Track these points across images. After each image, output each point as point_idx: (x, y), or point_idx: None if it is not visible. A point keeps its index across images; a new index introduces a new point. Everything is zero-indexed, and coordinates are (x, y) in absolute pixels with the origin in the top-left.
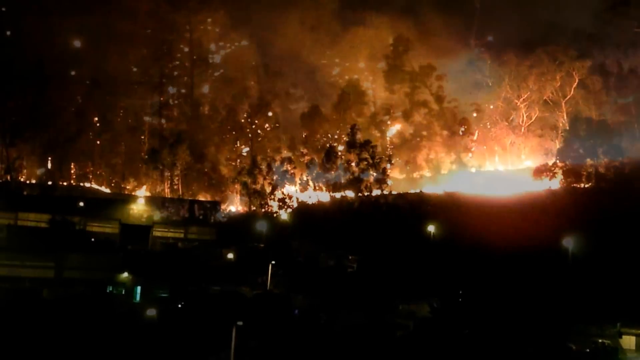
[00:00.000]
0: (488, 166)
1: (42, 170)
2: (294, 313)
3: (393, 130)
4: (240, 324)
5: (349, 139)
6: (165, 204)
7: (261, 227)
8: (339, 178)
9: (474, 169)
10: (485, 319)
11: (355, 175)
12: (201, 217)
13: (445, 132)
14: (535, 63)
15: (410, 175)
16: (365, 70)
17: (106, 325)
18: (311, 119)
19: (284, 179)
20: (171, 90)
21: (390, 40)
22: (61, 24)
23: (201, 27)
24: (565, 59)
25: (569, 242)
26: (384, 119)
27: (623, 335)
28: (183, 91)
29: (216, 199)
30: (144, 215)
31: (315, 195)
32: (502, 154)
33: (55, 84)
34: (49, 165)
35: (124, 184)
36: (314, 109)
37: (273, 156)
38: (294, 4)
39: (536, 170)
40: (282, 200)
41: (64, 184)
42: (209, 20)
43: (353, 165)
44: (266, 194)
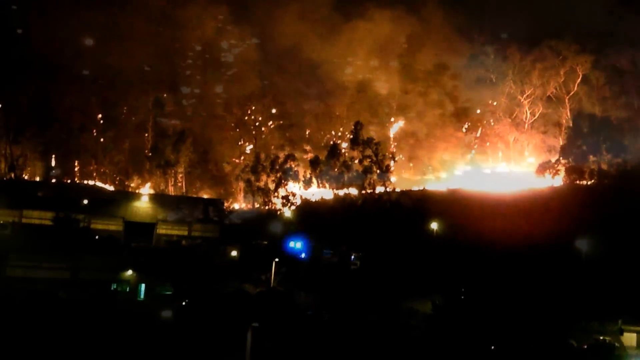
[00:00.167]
0: (491, 163)
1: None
2: (308, 313)
3: (396, 127)
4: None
5: (352, 136)
6: (169, 202)
7: (265, 225)
8: (342, 175)
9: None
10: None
11: (359, 172)
12: (205, 215)
13: (448, 129)
14: (539, 58)
15: (413, 173)
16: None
17: (121, 326)
18: (315, 116)
19: (288, 177)
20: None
21: (393, 36)
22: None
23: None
24: (569, 53)
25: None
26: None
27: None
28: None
29: (220, 196)
30: (148, 212)
31: (318, 193)
32: (506, 151)
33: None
34: (53, 163)
35: (127, 181)
36: (318, 106)
37: (277, 153)
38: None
39: (539, 167)
40: (286, 198)
41: (68, 181)
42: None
43: (356, 163)
44: (270, 192)
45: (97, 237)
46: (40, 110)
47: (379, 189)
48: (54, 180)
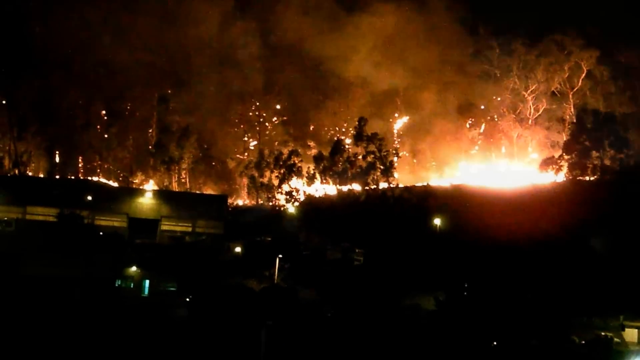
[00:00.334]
0: (494, 159)
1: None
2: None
3: (400, 123)
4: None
5: (356, 132)
6: (173, 198)
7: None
8: (346, 171)
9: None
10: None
11: (362, 168)
12: (208, 211)
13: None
14: (544, 52)
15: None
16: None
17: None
18: (319, 111)
19: (292, 173)
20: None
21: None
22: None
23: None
24: (574, 48)
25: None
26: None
27: (626, 328)
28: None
29: (224, 192)
30: (152, 209)
31: (322, 189)
32: (509, 146)
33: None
34: (57, 159)
35: (131, 177)
36: (322, 101)
37: (281, 149)
38: None
39: (542, 163)
40: (289, 194)
41: (72, 177)
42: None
43: (360, 158)
44: (273, 187)
45: (102, 234)
46: (44, 107)
47: (383, 185)
48: (58, 177)
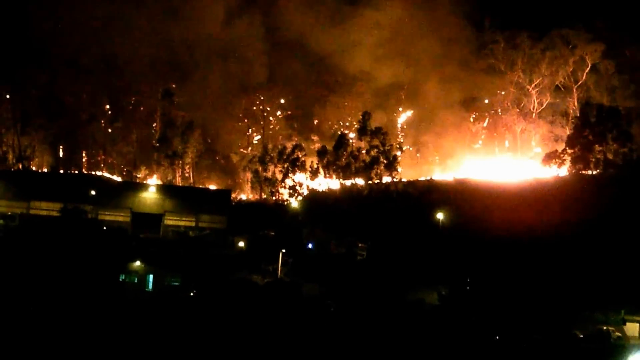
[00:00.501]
0: (498, 153)
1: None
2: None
3: (404, 117)
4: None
5: (360, 126)
6: (177, 193)
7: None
8: (349, 166)
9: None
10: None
11: (366, 162)
12: (212, 206)
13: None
14: (549, 46)
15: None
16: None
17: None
18: (322, 105)
19: (295, 167)
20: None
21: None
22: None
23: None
24: (580, 42)
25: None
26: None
27: (627, 322)
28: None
29: (227, 187)
30: (156, 203)
31: (325, 183)
32: (513, 140)
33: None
34: (61, 154)
35: (135, 172)
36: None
37: (284, 144)
38: None
39: (545, 157)
40: (293, 188)
41: (76, 172)
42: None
43: (364, 153)
44: (277, 182)
45: (105, 228)
46: (48, 101)
47: (386, 179)
48: (61, 171)
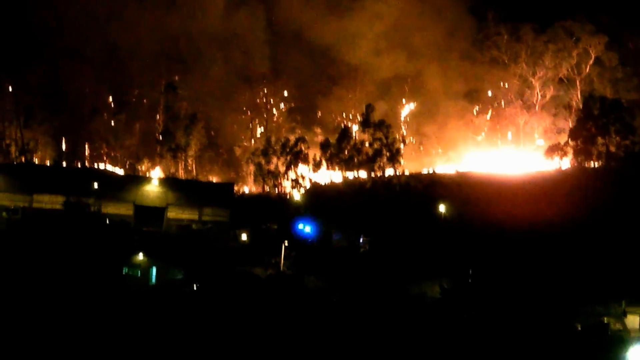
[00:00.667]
0: (501, 145)
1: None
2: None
3: (407, 110)
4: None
5: (363, 119)
6: (180, 186)
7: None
8: (352, 158)
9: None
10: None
11: (369, 155)
12: (215, 199)
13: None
14: (552, 38)
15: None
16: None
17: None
18: (326, 98)
19: (298, 159)
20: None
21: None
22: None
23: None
24: (584, 34)
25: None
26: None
27: (628, 314)
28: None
29: (230, 180)
30: (158, 196)
31: (328, 175)
32: (516, 133)
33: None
34: (64, 147)
35: (138, 165)
36: (329, 87)
37: (287, 136)
38: None
39: (548, 149)
40: (296, 181)
41: (79, 165)
42: None
43: (366, 145)
44: (280, 175)
45: (108, 221)
46: (51, 94)
47: (389, 172)
48: (64, 164)
